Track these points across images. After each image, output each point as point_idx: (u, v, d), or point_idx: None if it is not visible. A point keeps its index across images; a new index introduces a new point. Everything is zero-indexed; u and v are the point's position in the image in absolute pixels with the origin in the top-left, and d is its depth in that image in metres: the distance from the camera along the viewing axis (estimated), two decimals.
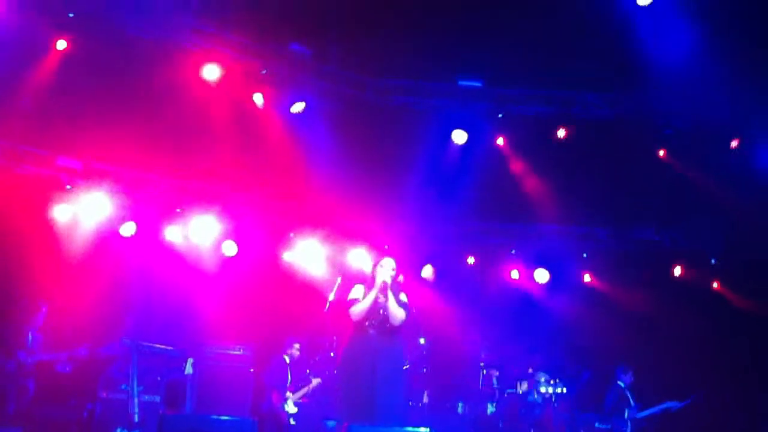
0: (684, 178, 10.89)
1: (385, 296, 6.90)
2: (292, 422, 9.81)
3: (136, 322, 9.63)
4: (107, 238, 10.59)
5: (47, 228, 10.23)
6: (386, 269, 6.99)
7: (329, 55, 10.40)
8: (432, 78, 10.64)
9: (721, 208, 10.91)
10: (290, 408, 9.89)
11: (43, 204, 10.23)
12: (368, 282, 7.08)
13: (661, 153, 11.03)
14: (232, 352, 9.69)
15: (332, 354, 9.72)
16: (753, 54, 8.88)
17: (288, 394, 9.97)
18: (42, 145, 10.13)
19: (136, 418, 8.72)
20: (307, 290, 11.09)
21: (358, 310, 6.92)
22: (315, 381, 10.22)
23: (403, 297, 7.08)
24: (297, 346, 10.30)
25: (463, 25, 9.56)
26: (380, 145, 10.87)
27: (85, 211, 10.40)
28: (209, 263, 11.21)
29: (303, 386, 10.18)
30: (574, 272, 12.49)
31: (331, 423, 8.00)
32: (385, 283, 6.91)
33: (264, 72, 10.01)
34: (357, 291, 7.07)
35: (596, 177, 11.08)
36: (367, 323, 6.93)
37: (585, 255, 12.37)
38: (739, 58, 8.85)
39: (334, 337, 9.71)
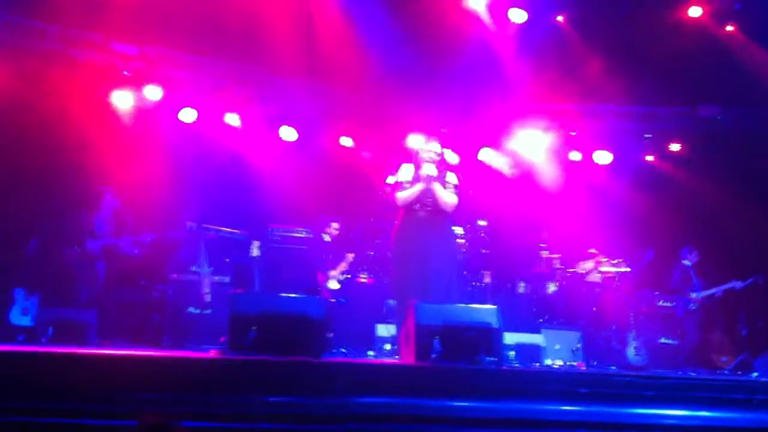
0: (752, 58, 10.48)
1: (431, 188, 6.89)
2: (332, 300, 9.95)
3: (200, 207, 9.83)
4: (168, 123, 10.66)
5: (107, 114, 10.30)
6: (428, 154, 6.97)
7: None
8: None
9: None
10: (333, 285, 10.00)
11: (101, 90, 10.26)
12: (416, 163, 7.08)
13: (729, 28, 10.61)
14: (296, 235, 9.84)
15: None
16: None
17: (330, 272, 10.08)
18: (97, 29, 10.08)
19: (208, 298, 9.03)
20: (365, 174, 11.12)
21: (404, 196, 6.96)
22: (350, 256, 10.28)
23: (452, 179, 7.06)
24: (335, 225, 10.32)
25: None
26: (436, 25, 10.62)
27: (145, 97, 10.43)
28: (269, 149, 11.26)
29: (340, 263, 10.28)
30: (637, 153, 12.25)
31: (392, 302, 8.17)
32: (429, 176, 6.89)
33: None
34: (405, 173, 7.07)
35: (658, 55, 10.72)
36: (416, 206, 6.96)
37: (647, 135, 12.09)
38: None
39: (394, 221, 9.79)
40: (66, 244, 8.92)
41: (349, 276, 10.26)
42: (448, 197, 6.97)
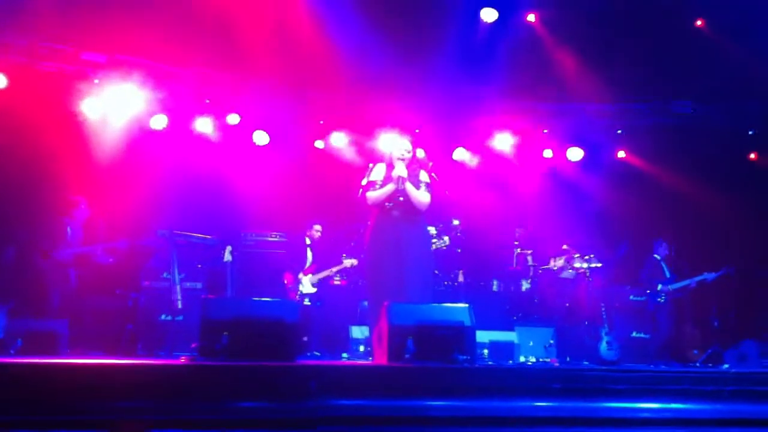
0: (723, 52, 10.56)
1: (403, 189, 6.89)
2: (307, 302, 9.97)
3: (171, 215, 9.79)
4: (138, 131, 10.60)
5: (77, 124, 10.25)
6: (400, 152, 6.97)
7: None
8: None
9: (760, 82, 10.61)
10: (306, 288, 10.03)
11: (71, 100, 10.21)
12: (388, 163, 7.07)
13: (699, 23, 10.69)
14: (269, 239, 9.83)
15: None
16: None
17: (300, 275, 10.09)
18: (65, 41, 10.04)
19: (179, 305, 8.99)
20: (340, 176, 11.11)
21: (374, 196, 6.94)
22: (348, 262, 10.34)
23: (424, 177, 7.06)
24: (318, 227, 10.40)
25: None
26: (407, 26, 10.62)
27: (115, 105, 10.37)
28: (241, 153, 11.22)
29: (328, 267, 10.30)
30: (609, 149, 12.33)
31: (365, 303, 8.17)
32: (400, 177, 6.89)
33: None
34: (377, 172, 7.06)
35: (631, 52, 10.78)
36: (389, 205, 6.95)
37: (619, 131, 12.18)
38: None
39: (368, 222, 9.80)
40: (38, 253, 8.85)
41: (339, 279, 10.30)
42: (421, 196, 6.96)
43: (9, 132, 9.41)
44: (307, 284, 10.07)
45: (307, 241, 10.35)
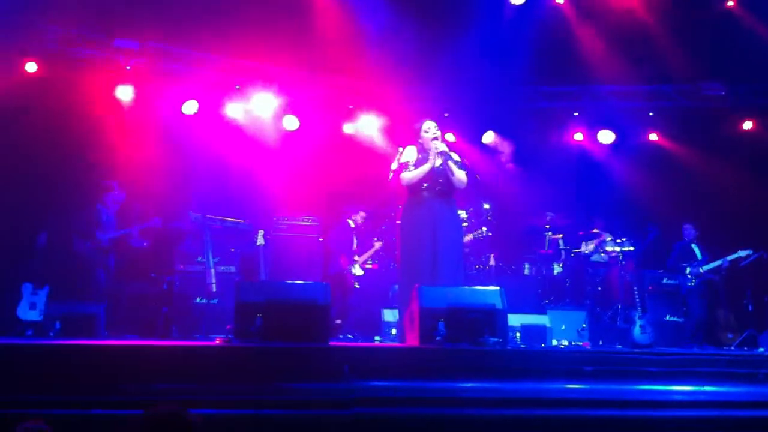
0: (754, 33, 10.42)
1: (444, 163, 6.90)
2: (356, 285, 10.11)
3: (204, 198, 9.89)
4: (171, 116, 10.70)
5: (110, 110, 10.36)
6: (431, 133, 6.98)
7: None
8: None
9: None
10: (357, 271, 10.17)
11: (104, 86, 10.33)
12: (418, 146, 7.08)
13: (730, 3, 10.56)
14: (301, 223, 9.89)
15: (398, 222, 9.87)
16: None
17: (355, 257, 10.24)
18: (98, 28, 10.14)
19: (214, 288, 9.10)
20: (370, 161, 11.14)
21: (409, 177, 6.93)
22: (377, 244, 10.44)
23: (456, 157, 7.07)
24: (362, 213, 10.51)
25: None
26: (435, 9, 10.60)
27: (147, 92, 10.48)
28: (272, 138, 11.28)
29: (367, 251, 10.43)
30: (640, 132, 12.23)
31: (396, 286, 8.22)
32: (444, 151, 6.90)
33: None
34: (408, 154, 7.07)
35: (662, 33, 10.68)
36: (424, 186, 6.95)
37: (651, 114, 12.07)
38: None
39: (399, 206, 9.84)
40: (77, 238, 8.99)
41: (372, 262, 10.41)
42: (459, 173, 6.98)
43: (42, 119, 9.53)
44: (357, 267, 10.21)
45: (351, 225, 10.47)
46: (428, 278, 6.72)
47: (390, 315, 8.97)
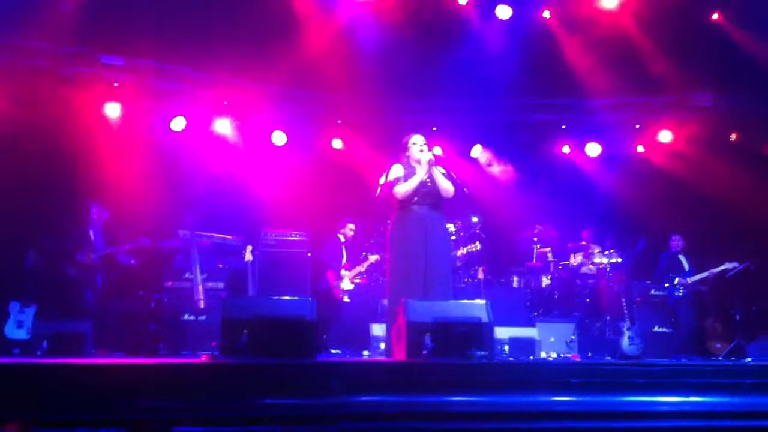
0: (737, 44, 10.51)
1: (431, 173, 6.95)
2: (347, 299, 10.12)
3: (192, 215, 9.88)
4: (158, 133, 10.71)
5: (97, 127, 10.37)
6: (419, 145, 7.03)
7: None
8: None
9: None
10: (346, 285, 10.17)
11: (92, 103, 10.34)
12: (404, 161, 7.11)
13: (715, 16, 10.65)
14: (289, 238, 9.90)
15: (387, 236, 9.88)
16: None
17: (343, 272, 10.25)
18: (84, 45, 10.15)
19: (202, 304, 9.09)
20: (358, 176, 11.17)
21: (403, 190, 6.97)
22: (372, 257, 10.45)
23: (442, 169, 7.11)
24: (351, 226, 10.52)
25: None
26: (423, 25, 10.66)
27: (136, 108, 10.48)
28: (260, 154, 11.31)
29: (358, 265, 10.43)
30: (627, 144, 12.30)
31: (385, 301, 8.22)
32: (431, 160, 6.95)
33: None
34: (396, 170, 7.11)
35: (648, 46, 10.76)
36: (414, 200, 6.99)
37: (637, 126, 12.14)
38: None
39: (387, 220, 9.85)
40: (64, 257, 8.97)
41: (363, 277, 10.41)
42: (446, 183, 7.01)
43: (30, 137, 9.52)
44: (346, 281, 10.21)
45: (341, 239, 10.48)
46: (420, 291, 6.74)
47: (378, 329, 8.98)
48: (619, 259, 10.49)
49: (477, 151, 12.14)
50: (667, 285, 10.45)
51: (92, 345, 7.95)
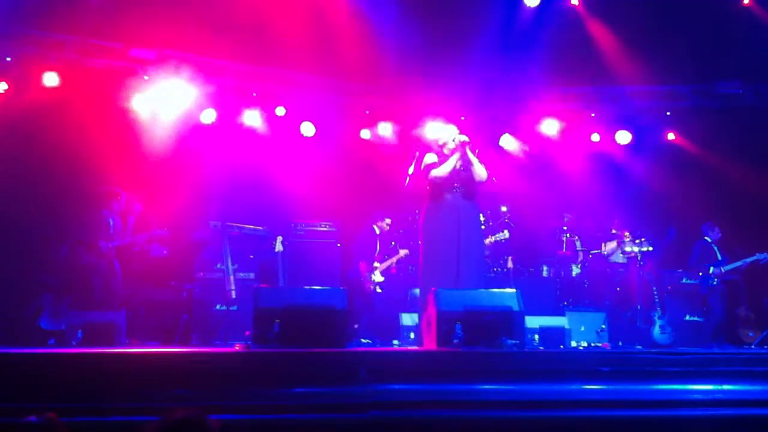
0: None
1: (466, 155, 6.96)
2: (378, 290, 10.16)
3: (223, 207, 9.96)
4: (188, 126, 10.77)
5: (128, 120, 10.44)
6: (451, 132, 7.05)
7: None
8: None
9: None
10: (377, 277, 10.22)
11: (122, 97, 10.41)
12: (438, 150, 7.13)
13: (746, 0, 10.51)
14: (319, 229, 9.95)
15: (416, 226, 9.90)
16: None
17: (375, 263, 10.29)
18: (115, 38, 10.23)
19: (233, 295, 9.17)
20: (386, 166, 11.17)
21: (441, 172, 6.99)
22: (402, 252, 10.50)
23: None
24: (388, 221, 10.58)
25: None
26: (449, 12, 10.63)
27: (164, 101, 10.54)
28: (289, 145, 11.35)
29: (389, 257, 10.47)
30: (657, 132, 12.18)
31: (416, 291, 8.25)
32: (464, 142, 6.96)
33: None
34: (430, 157, 7.12)
35: (676, 32, 10.64)
36: (448, 187, 7.01)
37: (668, 113, 12.02)
38: None
39: (416, 210, 9.87)
40: (83, 247, 9.03)
41: (393, 267, 10.47)
42: (480, 167, 7.04)
43: (61, 131, 9.62)
44: (377, 273, 10.27)
45: (376, 231, 10.53)
46: (452, 280, 6.75)
47: (408, 319, 9.00)
48: (650, 248, 10.40)
49: (506, 141, 12.08)
50: (701, 274, 10.36)
51: (125, 334, 8.06)
